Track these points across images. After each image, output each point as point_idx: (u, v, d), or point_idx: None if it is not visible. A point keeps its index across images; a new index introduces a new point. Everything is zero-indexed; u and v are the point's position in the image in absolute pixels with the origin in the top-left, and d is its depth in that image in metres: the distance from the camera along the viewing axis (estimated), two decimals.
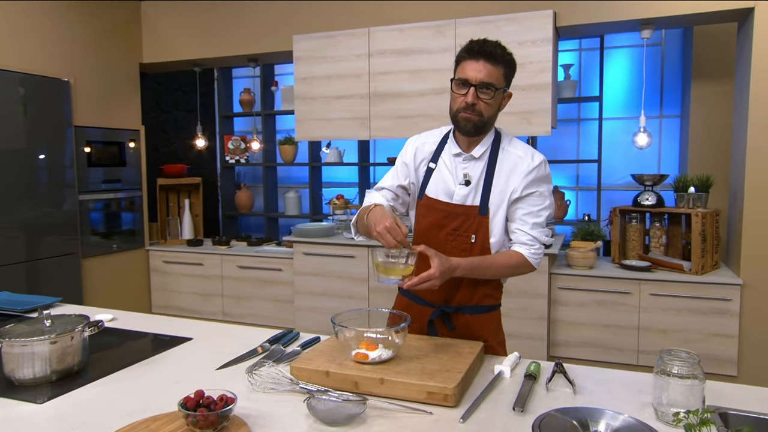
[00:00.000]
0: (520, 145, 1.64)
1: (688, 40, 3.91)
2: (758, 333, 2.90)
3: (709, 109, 3.65)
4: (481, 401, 1.30)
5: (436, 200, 1.65)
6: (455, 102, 1.58)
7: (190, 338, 1.80)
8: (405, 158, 1.71)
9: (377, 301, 3.64)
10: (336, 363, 1.42)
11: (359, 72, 3.65)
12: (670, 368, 1.19)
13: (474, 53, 1.53)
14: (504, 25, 3.26)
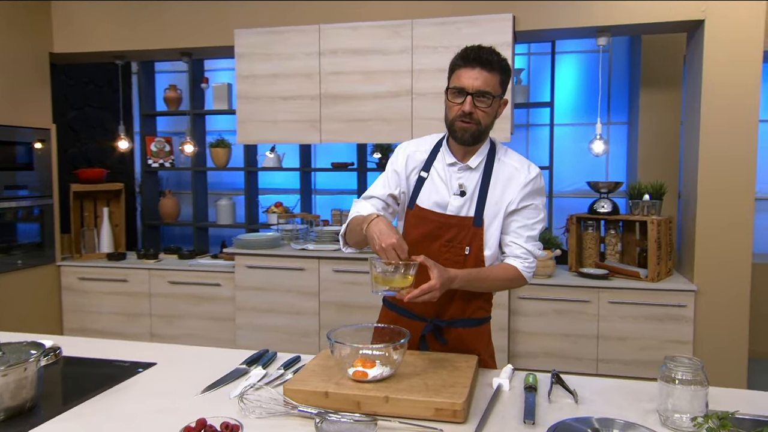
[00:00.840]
0: (516, 155, 1.73)
1: (635, 47, 4.23)
2: (711, 338, 3.19)
3: (657, 116, 3.97)
4: (489, 416, 1.37)
5: (429, 211, 1.70)
6: (451, 111, 1.64)
7: (154, 363, 1.75)
8: (396, 166, 1.76)
9: (330, 316, 3.65)
10: (333, 382, 1.44)
11: (309, 71, 3.66)
12: (674, 374, 1.31)
13: (470, 60, 1.60)
14: (464, 27, 3.40)
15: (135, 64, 5.21)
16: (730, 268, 3.15)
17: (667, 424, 1.32)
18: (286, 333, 3.73)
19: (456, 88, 1.60)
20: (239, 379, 1.62)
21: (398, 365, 1.47)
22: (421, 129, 3.53)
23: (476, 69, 1.59)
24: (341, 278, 3.62)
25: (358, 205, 1.74)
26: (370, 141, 3.66)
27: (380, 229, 1.49)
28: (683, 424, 1.30)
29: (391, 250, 1.45)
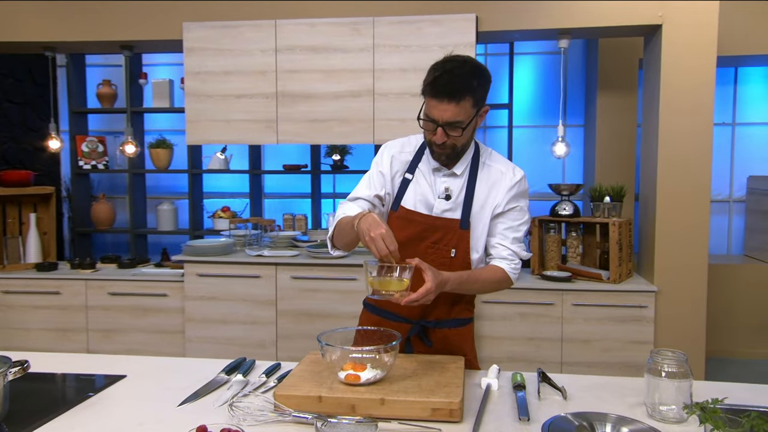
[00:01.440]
0: (500, 158, 1.83)
1: (590, 50, 4.48)
2: (671, 338, 3.41)
3: (614, 119, 4.22)
4: (483, 414, 1.45)
5: (415, 212, 1.78)
6: (426, 135, 1.72)
7: (124, 375, 1.74)
8: (381, 167, 1.82)
9: (288, 326, 3.66)
10: (325, 387, 1.48)
11: (264, 69, 3.67)
12: (660, 368, 1.43)
13: (438, 93, 1.62)
14: (426, 27, 3.51)
15: (62, 57, 5.04)
16: (688, 268, 3.38)
17: (654, 416, 1.44)
18: (240, 344, 3.71)
19: (428, 117, 1.66)
20: (220, 389, 1.64)
21: (390, 368, 1.53)
22: (384, 130, 3.61)
23: (443, 102, 1.61)
24: (300, 285, 3.64)
25: (345, 207, 1.79)
26: (330, 142, 3.71)
27: (369, 221, 1.53)
28: (669, 415, 1.42)
29: (380, 240, 1.49)
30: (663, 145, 3.35)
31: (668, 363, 1.44)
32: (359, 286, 3.59)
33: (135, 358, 1.93)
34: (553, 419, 1.43)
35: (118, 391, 1.63)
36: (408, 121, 3.58)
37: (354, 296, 3.59)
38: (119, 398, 1.58)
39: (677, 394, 1.42)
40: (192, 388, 1.63)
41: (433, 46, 3.51)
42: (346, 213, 1.74)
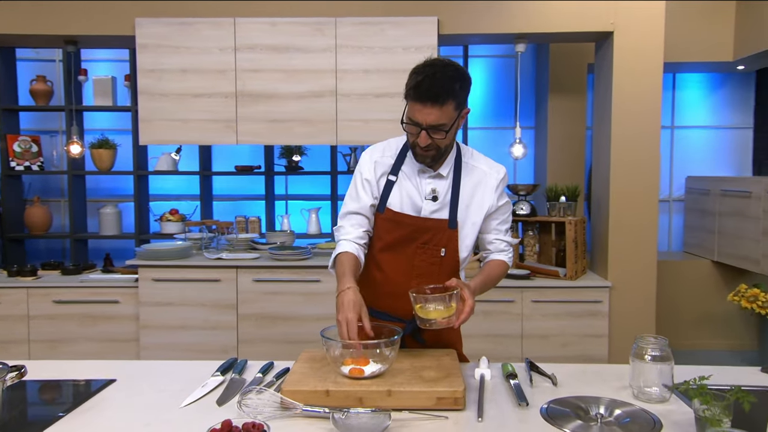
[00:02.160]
0: (481, 157, 1.93)
1: (540, 55, 4.71)
2: (624, 331, 3.65)
3: (564, 122, 4.45)
4: (483, 402, 1.56)
5: (404, 215, 1.85)
6: (409, 138, 1.78)
7: (114, 379, 1.74)
8: (366, 175, 1.87)
9: (249, 330, 3.67)
10: (331, 381, 1.55)
11: (223, 67, 3.67)
12: (644, 353, 1.59)
13: (421, 97, 1.66)
14: (389, 29, 3.61)
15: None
16: (639, 264, 3.64)
17: (639, 397, 1.59)
18: (200, 350, 3.68)
19: (411, 120, 1.71)
20: (218, 388, 1.68)
21: (392, 361, 1.61)
22: (347, 131, 3.68)
23: (427, 105, 1.66)
24: (262, 288, 3.66)
25: (342, 231, 1.87)
26: (292, 143, 3.75)
27: (344, 301, 1.62)
28: (653, 395, 1.58)
29: (344, 325, 1.58)
30: (615, 147, 3.59)
31: (651, 347, 1.59)
32: (323, 288, 3.64)
33: (119, 362, 1.93)
34: (549, 403, 1.56)
35: (113, 394, 1.64)
36: (371, 122, 3.67)
37: (318, 298, 3.64)
38: (117, 401, 1.59)
39: (660, 377, 1.58)
40: (189, 389, 1.66)
41: (395, 48, 3.62)
42: (344, 238, 1.84)
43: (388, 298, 1.88)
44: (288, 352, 3.62)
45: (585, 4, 3.57)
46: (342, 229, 1.88)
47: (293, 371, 1.64)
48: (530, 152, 4.93)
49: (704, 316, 4.52)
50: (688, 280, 4.58)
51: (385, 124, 3.67)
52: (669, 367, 1.58)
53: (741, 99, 4.98)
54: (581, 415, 1.50)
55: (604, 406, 1.52)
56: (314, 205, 4.78)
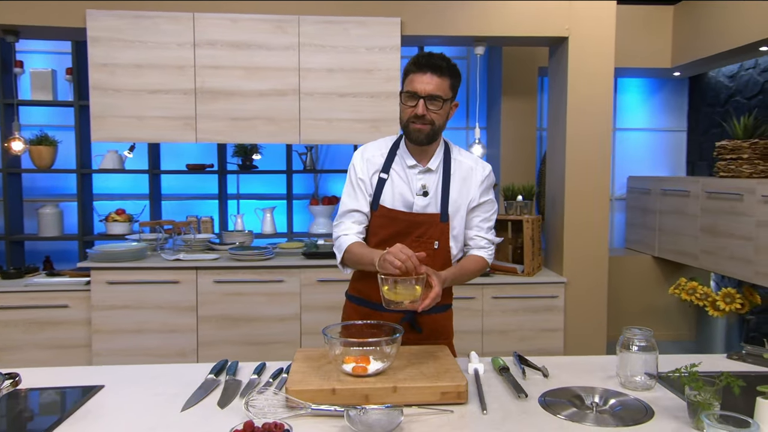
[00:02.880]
0: (467, 154, 2.03)
1: (493, 57, 4.83)
2: (579, 324, 3.81)
3: (516, 123, 4.59)
4: (483, 395, 1.61)
5: (398, 211, 1.92)
6: (405, 113, 1.88)
7: (102, 385, 1.69)
8: (360, 174, 1.97)
9: (210, 332, 3.59)
10: (335, 379, 1.57)
11: (182, 63, 3.58)
12: (631, 343, 1.68)
13: (421, 66, 1.83)
14: (352, 28, 3.62)
15: None
16: (592, 260, 3.81)
17: (626, 386, 1.68)
18: (157, 354, 3.58)
19: (409, 92, 1.84)
20: (215, 391, 1.65)
21: (393, 358, 1.64)
22: (311, 130, 3.67)
23: (427, 74, 1.82)
24: (223, 289, 3.59)
25: (342, 228, 1.95)
26: (254, 141, 3.70)
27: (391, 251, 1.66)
28: (638, 383, 1.67)
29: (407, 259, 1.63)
30: (570, 147, 3.74)
31: (638, 339, 1.69)
32: (286, 288, 3.62)
33: (103, 368, 1.87)
34: (545, 394, 1.63)
35: (106, 400, 1.59)
36: (335, 121, 3.68)
37: (281, 298, 3.61)
38: (112, 407, 1.54)
39: (645, 366, 1.68)
40: (184, 392, 1.63)
41: (359, 48, 3.63)
42: (344, 233, 1.92)
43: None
44: (251, 354, 3.58)
45: (542, 10, 3.70)
46: (342, 225, 1.95)
47: (294, 371, 1.64)
48: None
49: (646, 309, 4.77)
50: (631, 274, 4.82)
51: (349, 123, 3.68)
52: (654, 357, 1.68)
53: (676, 103, 5.29)
54: (577, 404, 1.58)
55: (598, 395, 1.60)
56: (269, 205, 4.73)
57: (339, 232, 1.95)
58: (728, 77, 4.81)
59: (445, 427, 1.44)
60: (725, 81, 4.85)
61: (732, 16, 4.02)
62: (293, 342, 3.63)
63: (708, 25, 4.28)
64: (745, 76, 4.63)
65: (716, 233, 4.04)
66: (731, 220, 3.87)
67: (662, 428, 1.43)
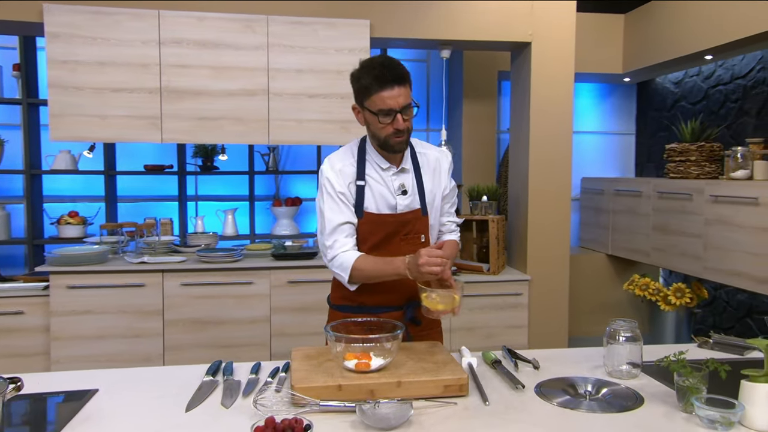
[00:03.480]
0: (428, 145, 2.11)
1: (453, 61, 4.93)
2: (542, 321, 3.94)
3: (477, 126, 4.71)
4: (482, 387, 1.66)
5: (384, 215, 1.97)
6: (383, 130, 1.86)
7: (96, 389, 1.65)
8: (339, 187, 1.94)
9: (177, 336, 3.53)
10: (339, 376, 1.59)
11: (147, 62, 3.50)
12: (618, 334, 1.77)
13: (387, 82, 1.80)
14: (321, 29, 3.63)
15: None
16: (554, 259, 3.94)
17: (613, 375, 1.77)
18: (121, 360, 3.48)
19: (383, 110, 1.82)
20: (215, 391, 1.65)
21: (394, 354, 1.67)
22: (280, 131, 3.65)
23: (395, 88, 1.81)
24: (190, 292, 3.53)
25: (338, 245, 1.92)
26: (222, 141, 3.66)
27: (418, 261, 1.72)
28: (624, 372, 1.76)
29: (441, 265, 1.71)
30: (533, 149, 3.87)
31: (624, 330, 1.78)
32: (255, 290, 3.59)
33: (92, 372, 1.83)
34: (539, 385, 1.70)
35: (104, 404, 1.56)
36: (304, 122, 3.67)
37: (250, 301, 3.58)
38: (113, 410, 1.52)
39: (630, 355, 1.77)
40: (184, 393, 1.62)
41: (328, 49, 3.65)
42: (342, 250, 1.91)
43: (380, 292, 1.97)
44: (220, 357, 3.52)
45: (506, 16, 3.81)
46: (337, 243, 1.93)
47: (295, 369, 1.65)
48: None
49: (601, 305, 4.96)
50: (586, 272, 5.01)
51: (319, 124, 3.69)
52: (639, 347, 1.78)
53: (625, 108, 5.53)
54: (571, 393, 1.65)
55: (590, 384, 1.69)
56: (229, 206, 4.68)
57: (336, 251, 1.91)
58: (674, 83, 5.07)
59: (451, 418, 1.48)
60: (671, 87, 5.11)
61: (679, 26, 4.25)
62: (263, 344, 3.60)
63: (657, 34, 4.51)
64: (689, 82, 4.89)
65: (667, 231, 4.26)
66: (681, 219, 4.08)
67: (653, 413, 1.52)
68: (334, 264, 1.94)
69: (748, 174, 3.69)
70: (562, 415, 1.51)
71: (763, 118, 4.15)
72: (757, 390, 1.42)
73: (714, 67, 4.59)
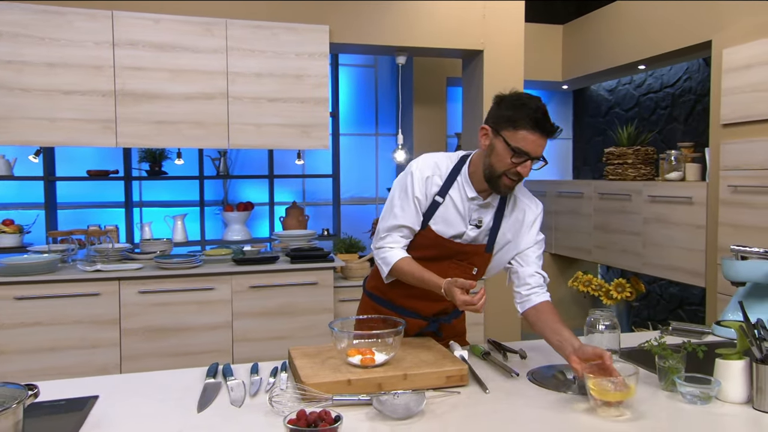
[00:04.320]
0: (524, 190, 1.99)
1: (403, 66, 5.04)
2: (497, 318, 4.10)
3: (427, 130, 4.84)
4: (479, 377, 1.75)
5: (445, 239, 1.90)
6: (503, 165, 1.76)
7: (96, 395, 1.63)
8: (418, 193, 1.87)
9: (135, 345, 3.43)
10: (346, 371, 1.64)
11: (100, 63, 3.40)
12: (598, 323, 1.91)
13: (540, 129, 1.72)
14: (282, 34, 3.64)
15: None
16: None
17: None
18: (75, 373, 3.34)
19: (521, 150, 1.73)
20: (220, 393, 1.65)
21: (396, 350, 1.73)
22: (240, 135, 3.64)
23: (544, 138, 1.74)
24: (149, 300, 3.45)
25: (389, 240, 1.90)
26: (181, 146, 3.60)
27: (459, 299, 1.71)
28: None
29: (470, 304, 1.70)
30: None
31: (603, 319, 1.92)
32: (216, 296, 3.55)
33: (84, 380, 1.79)
34: (530, 372, 1.81)
35: (109, 410, 1.53)
36: (264, 126, 3.67)
37: (211, 307, 3.54)
38: (121, 416, 1.50)
39: (609, 343, 1.91)
40: (188, 396, 1.62)
41: (288, 54, 3.67)
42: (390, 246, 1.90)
43: (417, 299, 1.98)
44: (179, 365, 3.46)
45: (460, 24, 3.96)
46: (389, 238, 1.90)
47: (300, 367, 1.68)
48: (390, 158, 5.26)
49: None
50: None
51: (279, 128, 3.70)
52: (616, 335, 1.92)
53: (562, 114, 5.82)
54: (561, 378, 1.77)
55: None
56: (178, 212, 4.59)
57: (385, 244, 1.90)
58: (608, 91, 5.39)
59: (459, 406, 1.56)
60: (605, 94, 5.43)
61: (615, 37, 4.54)
62: (225, 351, 3.57)
63: (594, 44, 4.79)
64: (622, 90, 5.22)
65: (608, 230, 4.53)
66: (621, 218, 4.36)
67: (639, 392, 1.65)
68: (379, 254, 1.92)
69: (681, 175, 3.99)
70: (560, 399, 1.61)
71: (691, 124, 4.49)
72: (731, 366, 1.58)
73: (645, 77, 4.93)
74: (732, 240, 3.36)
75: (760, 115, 3.25)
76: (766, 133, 3.25)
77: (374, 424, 1.44)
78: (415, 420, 1.46)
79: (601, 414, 1.50)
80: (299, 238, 4.04)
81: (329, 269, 3.67)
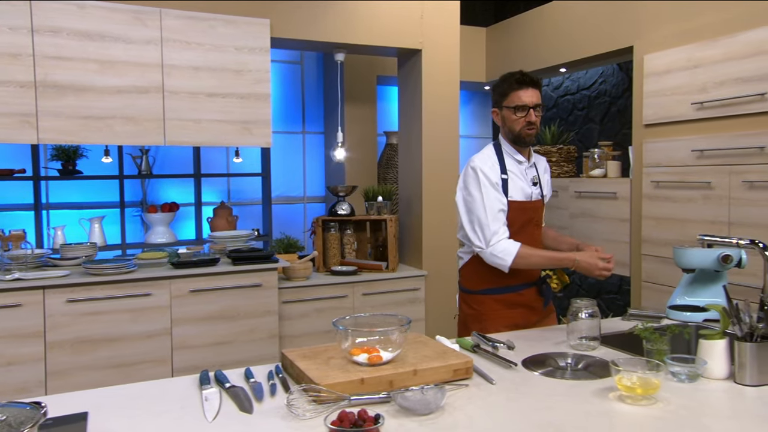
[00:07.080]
0: (533, 153, 2.51)
1: (328, 64, 5.00)
2: (436, 313, 4.16)
3: (358, 128, 4.83)
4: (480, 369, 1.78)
5: (524, 202, 2.35)
6: (517, 123, 2.30)
7: (85, 412, 1.49)
8: (494, 179, 2.30)
9: (62, 359, 3.16)
10: (355, 370, 1.61)
11: (16, 51, 3.10)
12: (580, 312, 1.99)
13: (524, 83, 2.28)
14: (220, 26, 3.49)
15: None
16: (446, 254, 4.19)
17: (576, 347, 1.99)
18: None
19: (518, 106, 2.27)
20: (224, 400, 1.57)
21: (401, 346, 1.72)
22: (177, 131, 3.45)
23: (530, 89, 2.28)
24: (77, 309, 3.19)
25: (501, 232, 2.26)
26: (112, 143, 3.35)
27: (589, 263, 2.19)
28: (585, 345, 1.99)
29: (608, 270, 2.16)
30: (426, 151, 4.08)
31: (584, 307, 2.00)
32: (153, 302, 3.34)
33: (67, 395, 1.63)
34: (525, 361, 1.86)
35: (109, 426, 1.41)
36: (203, 122, 3.51)
37: (148, 313, 3.33)
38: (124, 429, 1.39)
39: (590, 330, 2.00)
40: (190, 406, 1.53)
41: (228, 47, 3.52)
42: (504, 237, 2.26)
43: (518, 273, 2.32)
44: (114, 379, 3.23)
45: (398, 23, 3.99)
46: (501, 230, 2.25)
47: (307, 368, 1.63)
48: (320, 156, 5.20)
49: None
50: None
51: (219, 125, 3.54)
52: (597, 322, 2.01)
53: (482, 113, 6.02)
54: (554, 365, 1.83)
55: (570, 357, 1.88)
56: (95, 214, 4.28)
57: (500, 236, 2.24)
58: None
59: (475, 397, 1.57)
60: None
61: (538, 41, 4.75)
62: (163, 360, 3.37)
63: (516, 47, 4.99)
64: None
65: None
66: (550, 213, 4.56)
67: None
68: (496, 249, 2.23)
69: (604, 172, 4.25)
70: (558, 384, 1.67)
71: (606, 124, 4.79)
72: (715, 346, 1.70)
73: (562, 79, 5.20)
74: (654, 231, 3.63)
75: (679, 117, 3.52)
76: (684, 132, 3.53)
77: (400, 420, 1.42)
78: (438, 414, 1.46)
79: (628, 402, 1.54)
80: (235, 239, 3.90)
81: (272, 270, 3.57)
